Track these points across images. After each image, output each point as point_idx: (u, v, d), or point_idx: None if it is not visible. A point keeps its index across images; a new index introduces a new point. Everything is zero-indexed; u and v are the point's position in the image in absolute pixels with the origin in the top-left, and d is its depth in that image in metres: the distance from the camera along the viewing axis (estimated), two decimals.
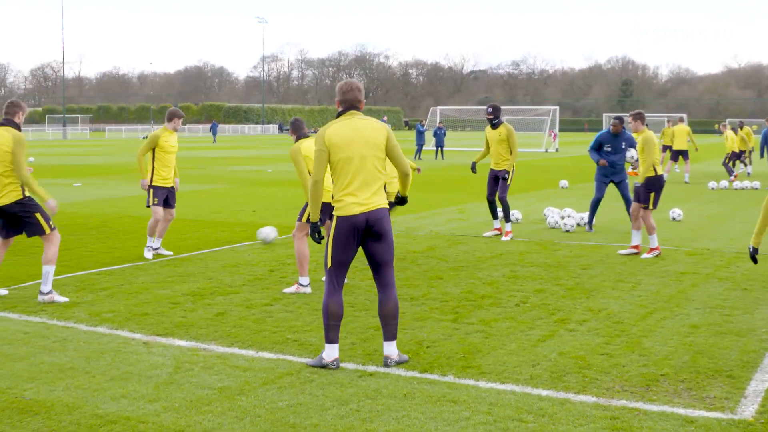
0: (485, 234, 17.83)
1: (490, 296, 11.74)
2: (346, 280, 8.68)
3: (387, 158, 8.50)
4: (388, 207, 8.43)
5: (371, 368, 8.35)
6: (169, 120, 14.95)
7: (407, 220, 20.37)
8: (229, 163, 47.30)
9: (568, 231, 18.37)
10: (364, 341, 9.31)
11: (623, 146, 18.17)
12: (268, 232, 16.47)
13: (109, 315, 10.53)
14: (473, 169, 18.42)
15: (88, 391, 7.64)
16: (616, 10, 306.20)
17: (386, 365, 8.40)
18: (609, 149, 18.29)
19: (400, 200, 9.01)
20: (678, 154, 35.27)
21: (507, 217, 17.62)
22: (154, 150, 14.69)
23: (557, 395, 7.60)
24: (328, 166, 8.40)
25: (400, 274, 13.30)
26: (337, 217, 8.31)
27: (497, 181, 17.67)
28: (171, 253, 15.15)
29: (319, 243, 8.75)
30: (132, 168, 41.16)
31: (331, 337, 8.39)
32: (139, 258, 14.61)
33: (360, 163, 8.26)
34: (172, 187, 14.99)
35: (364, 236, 8.33)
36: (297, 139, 12.01)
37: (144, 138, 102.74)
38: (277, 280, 12.76)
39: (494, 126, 17.54)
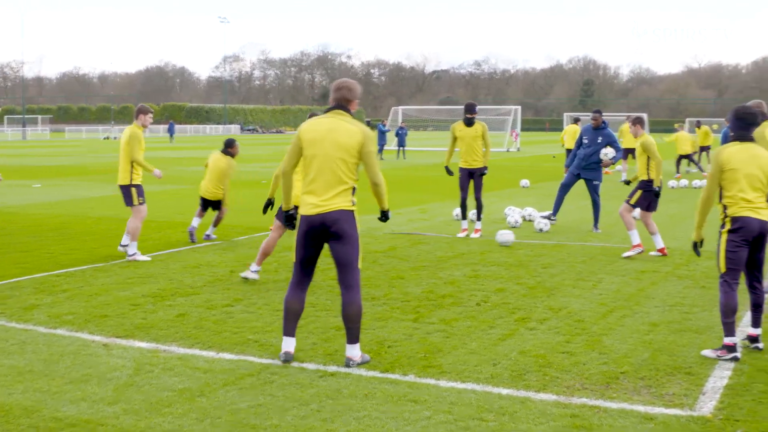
0: (458, 235, 17.77)
1: (451, 295, 11.76)
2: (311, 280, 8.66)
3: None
4: (351, 209, 8.36)
5: (332, 368, 8.34)
6: (137, 117, 14.79)
7: (369, 220, 20.34)
8: (191, 163, 47.08)
9: (542, 231, 18.32)
10: (326, 341, 9.30)
11: (599, 141, 18.30)
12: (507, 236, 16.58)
13: (69, 317, 10.45)
14: (449, 171, 18.30)
15: (47, 394, 7.58)
16: (579, 11, 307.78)
17: (347, 366, 8.38)
18: (586, 141, 18.47)
19: (382, 215, 9.00)
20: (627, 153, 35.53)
21: (479, 216, 17.71)
22: (133, 149, 14.49)
23: (518, 394, 7.62)
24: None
25: (362, 274, 13.26)
26: (300, 215, 8.38)
27: (470, 179, 17.67)
28: (144, 255, 14.98)
29: (292, 230, 8.85)
30: (92, 170, 40.90)
31: (286, 329, 8.59)
32: (100, 259, 14.49)
33: (325, 162, 8.25)
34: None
35: (325, 237, 8.35)
36: None
37: (106, 139, 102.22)
38: (238, 280, 12.71)
39: (470, 123, 17.51)
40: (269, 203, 9.57)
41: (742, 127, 8.98)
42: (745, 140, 8.96)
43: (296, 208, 8.76)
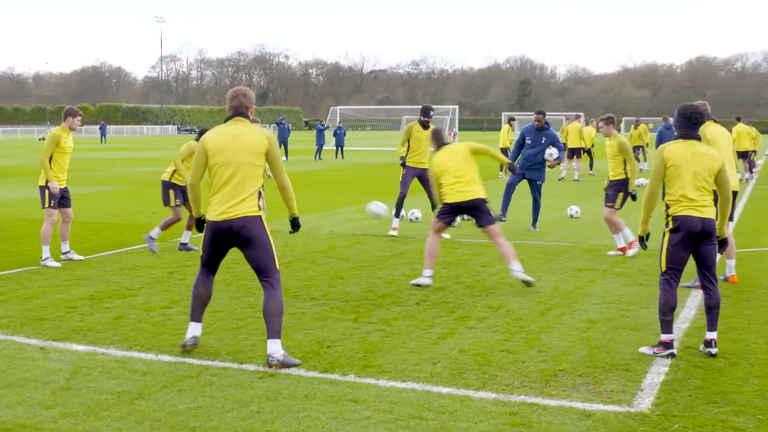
0: (390, 233, 17.80)
1: (391, 295, 11.78)
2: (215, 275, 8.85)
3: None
4: (258, 214, 8.49)
5: (271, 369, 8.31)
6: (65, 119, 14.61)
7: (308, 221, 20.33)
8: (128, 164, 46.71)
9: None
10: (264, 342, 9.25)
11: (542, 141, 18.42)
12: (377, 209, 16.23)
13: (4, 320, 10.32)
14: (403, 163, 18.26)
15: None
16: (515, 10, 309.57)
17: (269, 364, 8.39)
18: (529, 142, 18.61)
19: (292, 223, 9.11)
20: (572, 153, 35.93)
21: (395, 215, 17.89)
22: (46, 149, 14.30)
23: (457, 392, 7.66)
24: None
25: (301, 274, 13.29)
26: (207, 220, 8.57)
27: (414, 178, 17.76)
28: (81, 257, 14.84)
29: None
30: (27, 170, 40.45)
31: (193, 316, 8.88)
32: (36, 262, 14.32)
33: (233, 169, 8.40)
34: (66, 188, 14.68)
35: (233, 242, 8.53)
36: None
37: (42, 140, 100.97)
38: (177, 282, 12.63)
39: (426, 127, 17.58)
40: (201, 222, 9.13)
41: (687, 125, 9.00)
42: (689, 138, 9.00)
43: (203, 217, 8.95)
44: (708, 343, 8.95)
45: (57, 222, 14.62)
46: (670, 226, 8.93)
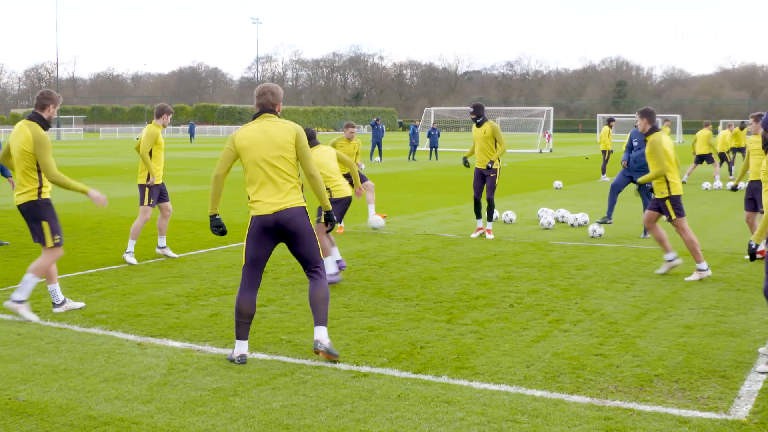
0: (472, 235, 17.75)
1: (484, 297, 11.74)
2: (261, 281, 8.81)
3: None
4: (302, 206, 8.53)
5: (365, 369, 8.34)
6: (158, 116, 14.83)
7: (402, 221, 20.37)
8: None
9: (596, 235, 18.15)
10: (359, 342, 9.30)
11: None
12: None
13: (103, 316, 10.51)
14: (465, 163, 18.41)
15: (81, 392, 7.62)
16: (611, 11, 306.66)
17: (315, 351, 8.51)
18: (636, 144, 18.55)
19: (327, 218, 9.02)
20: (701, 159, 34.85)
21: (490, 217, 17.72)
22: (145, 146, 14.54)
23: (551, 396, 7.60)
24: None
25: (394, 274, 13.31)
26: (252, 216, 8.57)
27: (483, 179, 17.66)
28: (176, 255, 15.13)
29: (221, 236, 8.96)
30: (125, 169, 41.12)
31: (239, 334, 8.65)
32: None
33: (267, 165, 8.46)
34: (163, 183, 14.93)
35: (280, 236, 8.54)
36: None
37: (137, 139, 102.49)
38: (271, 281, 12.73)
39: (479, 124, 17.55)
40: (215, 220, 9.11)
41: None
42: None
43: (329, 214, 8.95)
44: None
45: (155, 217, 14.83)
46: None
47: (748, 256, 9.15)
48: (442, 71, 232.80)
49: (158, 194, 14.77)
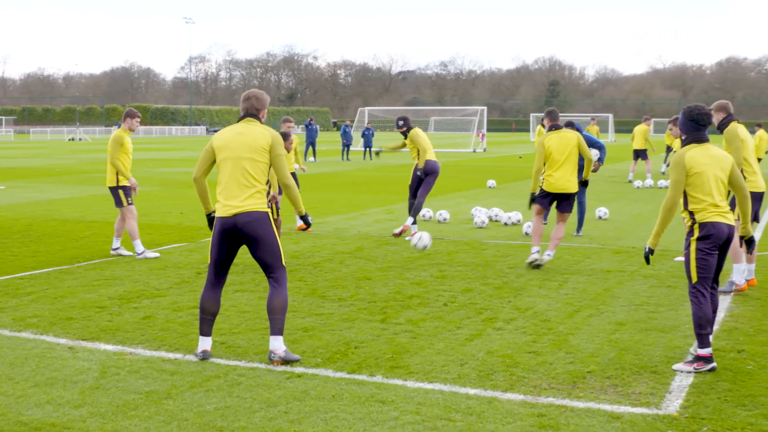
0: (407, 237, 17.57)
1: (418, 296, 11.77)
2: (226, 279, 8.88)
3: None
4: (264, 210, 8.52)
5: (299, 369, 8.33)
6: (125, 120, 15.00)
7: (336, 221, 20.36)
8: (157, 164, 46.89)
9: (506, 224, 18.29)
10: (293, 343, 9.28)
11: None
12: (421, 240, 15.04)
13: (34, 320, 10.38)
14: (377, 153, 19.66)
15: (11, 397, 7.53)
16: (544, 12, 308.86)
17: (270, 360, 8.50)
18: None
19: (303, 220, 9.20)
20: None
21: (414, 213, 17.69)
22: (112, 151, 14.74)
23: (485, 394, 7.65)
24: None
25: (329, 274, 13.30)
26: (215, 217, 8.64)
27: (418, 178, 17.71)
28: (131, 253, 15.25)
29: None
30: (56, 171, 40.65)
31: (201, 329, 8.80)
32: (65, 261, 14.41)
33: (235, 165, 8.49)
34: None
35: (240, 239, 8.56)
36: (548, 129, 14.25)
37: (71, 140, 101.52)
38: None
39: (405, 135, 17.65)
40: (211, 219, 9.04)
41: (696, 128, 8.70)
42: (702, 141, 8.77)
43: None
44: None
45: (115, 215, 14.90)
46: (697, 234, 8.64)
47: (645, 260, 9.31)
48: (376, 71, 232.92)
49: (130, 193, 15.04)
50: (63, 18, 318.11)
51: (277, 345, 8.50)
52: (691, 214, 8.72)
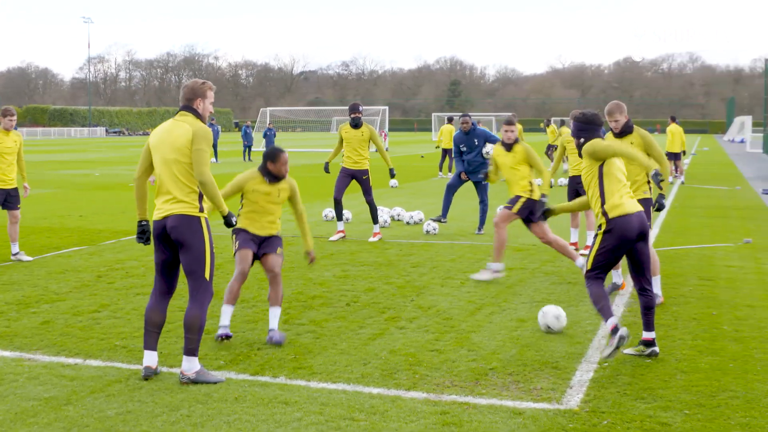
0: (331, 239, 17.43)
1: (321, 296, 11.78)
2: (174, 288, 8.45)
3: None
4: (194, 215, 8.04)
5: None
6: None
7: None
8: (55, 167, 46.14)
9: (429, 233, 18.24)
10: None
11: (476, 143, 18.39)
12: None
13: None
14: (326, 169, 18.36)
15: None
16: (445, 12, 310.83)
17: (180, 382, 8.02)
18: (465, 149, 18.58)
19: (225, 222, 8.45)
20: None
21: (375, 219, 17.55)
22: None
23: (388, 393, 7.68)
24: None
25: (230, 276, 13.19)
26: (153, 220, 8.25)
27: (349, 180, 17.55)
28: (31, 258, 14.99)
29: (145, 244, 8.48)
30: None
31: (145, 342, 8.26)
32: None
33: (164, 166, 8.08)
34: (14, 188, 14.91)
35: (171, 243, 8.13)
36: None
37: None
38: (105, 286, 12.51)
39: (357, 125, 17.44)
40: (141, 225, 8.78)
41: (593, 129, 8.90)
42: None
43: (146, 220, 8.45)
44: (649, 343, 8.87)
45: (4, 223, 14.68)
46: (605, 228, 8.78)
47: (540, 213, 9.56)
48: (277, 71, 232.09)
49: (2, 199, 14.79)
50: None
51: (187, 366, 8.03)
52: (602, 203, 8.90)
